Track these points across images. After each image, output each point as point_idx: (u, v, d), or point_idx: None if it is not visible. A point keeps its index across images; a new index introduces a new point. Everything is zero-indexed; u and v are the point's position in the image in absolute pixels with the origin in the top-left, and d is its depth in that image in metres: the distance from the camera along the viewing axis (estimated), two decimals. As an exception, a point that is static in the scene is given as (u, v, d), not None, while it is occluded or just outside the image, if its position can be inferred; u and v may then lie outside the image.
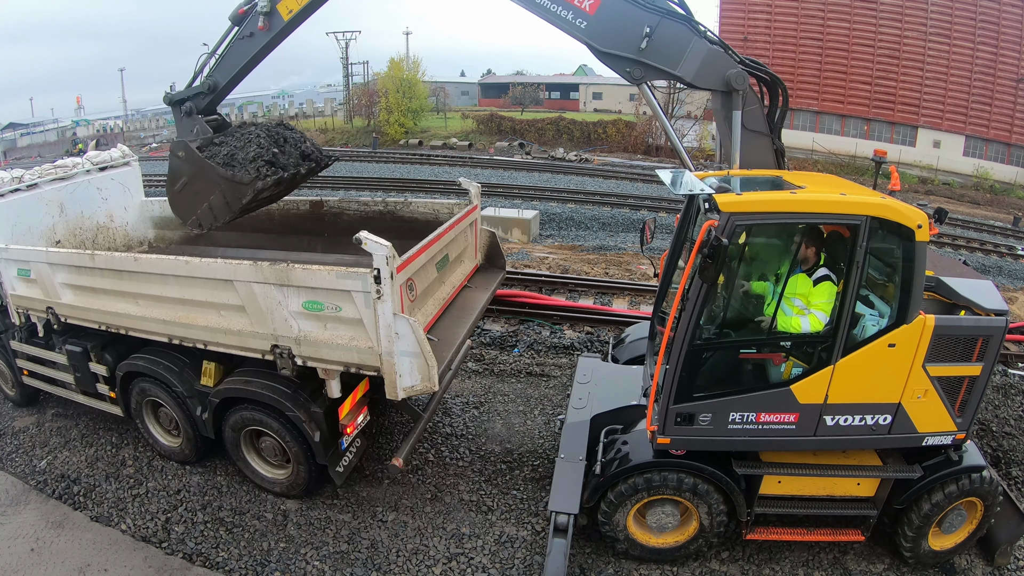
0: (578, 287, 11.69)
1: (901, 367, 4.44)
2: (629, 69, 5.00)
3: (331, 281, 4.72)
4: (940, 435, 4.70)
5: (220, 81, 5.66)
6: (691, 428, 4.67)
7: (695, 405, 4.62)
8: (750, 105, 5.03)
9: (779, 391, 4.54)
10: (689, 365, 4.50)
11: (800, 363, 4.62)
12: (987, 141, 34.02)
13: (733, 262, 4.47)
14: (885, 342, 4.37)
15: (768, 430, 4.62)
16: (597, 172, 30.36)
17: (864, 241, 4.20)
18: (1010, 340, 9.46)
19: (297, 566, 5.33)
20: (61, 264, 6.19)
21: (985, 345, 4.45)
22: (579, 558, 5.32)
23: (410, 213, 7.29)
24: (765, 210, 4.34)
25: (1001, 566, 5.26)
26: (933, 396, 4.55)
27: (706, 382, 4.69)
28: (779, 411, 4.56)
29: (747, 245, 4.68)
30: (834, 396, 4.51)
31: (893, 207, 4.25)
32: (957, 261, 5.52)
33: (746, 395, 4.61)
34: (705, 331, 4.59)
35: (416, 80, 47.09)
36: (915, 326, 4.34)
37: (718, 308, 4.78)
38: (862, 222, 4.18)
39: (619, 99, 51.86)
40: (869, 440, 4.72)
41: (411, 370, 4.71)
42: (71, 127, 55.08)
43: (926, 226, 4.21)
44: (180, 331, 5.64)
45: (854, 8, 35.14)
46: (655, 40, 4.80)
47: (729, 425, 4.62)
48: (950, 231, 21.56)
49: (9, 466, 6.81)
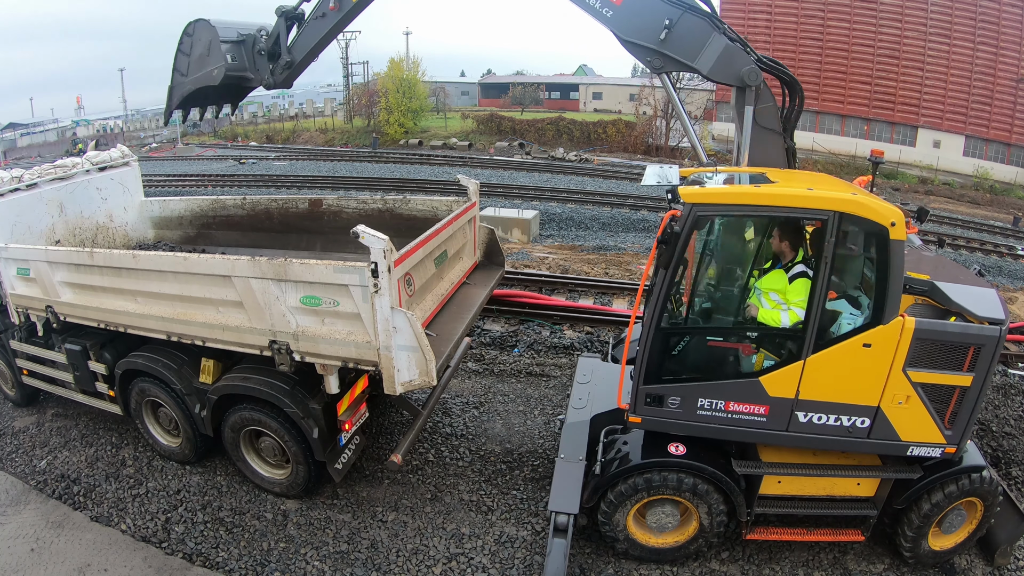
0: (578, 287, 11.69)
1: (878, 369, 4.34)
2: (650, 58, 5.23)
3: (328, 275, 4.71)
4: (927, 446, 4.54)
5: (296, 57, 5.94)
6: (661, 410, 4.77)
7: (664, 387, 4.72)
8: (765, 103, 5.15)
9: (748, 382, 4.57)
10: (656, 348, 4.63)
11: (771, 356, 4.64)
12: (987, 141, 34.00)
13: (698, 251, 4.59)
14: (859, 341, 4.30)
15: (738, 420, 4.64)
16: (597, 172, 30.37)
17: (832, 236, 4.15)
18: (1010, 340, 9.46)
19: (297, 566, 5.32)
20: (60, 262, 6.19)
21: (977, 355, 4.28)
22: (579, 558, 5.31)
23: (408, 211, 7.29)
24: (727, 202, 4.44)
25: (1001, 566, 5.26)
26: (917, 403, 4.40)
27: (674, 366, 4.82)
28: (749, 402, 4.58)
29: (712, 235, 4.78)
30: (806, 392, 4.47)
31: (863, 203, 4.16)
32: (967, 269, 5.19)
33: (714, 382, 4.67)
34: (671, 316, 4.69)
35: (416, 80, 47.14)
36: (893, 327, 4.24)
37: (684, 295, 4.88)
38: (829, 217, 4.15)
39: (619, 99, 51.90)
40: (847, 443, 4.60)
41: (409, 364, 4.71)
42: (71, 127, 55.12)
43: (900, 224, 4.11)
44: (178, 328, 5.64)
45: (854, 8, 35.13)
46: (675, 32, 5.02)
47: (698, 411, 4.69)
48: (950, 231, 21.57)
49: (9, 466, 6.81)
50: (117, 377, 6.44)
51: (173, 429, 6.54)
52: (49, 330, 6.73)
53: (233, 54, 5.78)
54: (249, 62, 5.90)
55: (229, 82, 5.86)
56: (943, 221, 23.52)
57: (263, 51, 5.85)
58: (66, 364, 6.78)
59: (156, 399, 6.34)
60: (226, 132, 52.61)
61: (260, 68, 5.92)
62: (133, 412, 6.63)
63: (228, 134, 51.76)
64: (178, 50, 5.99)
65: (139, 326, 5.89)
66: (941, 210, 26.55)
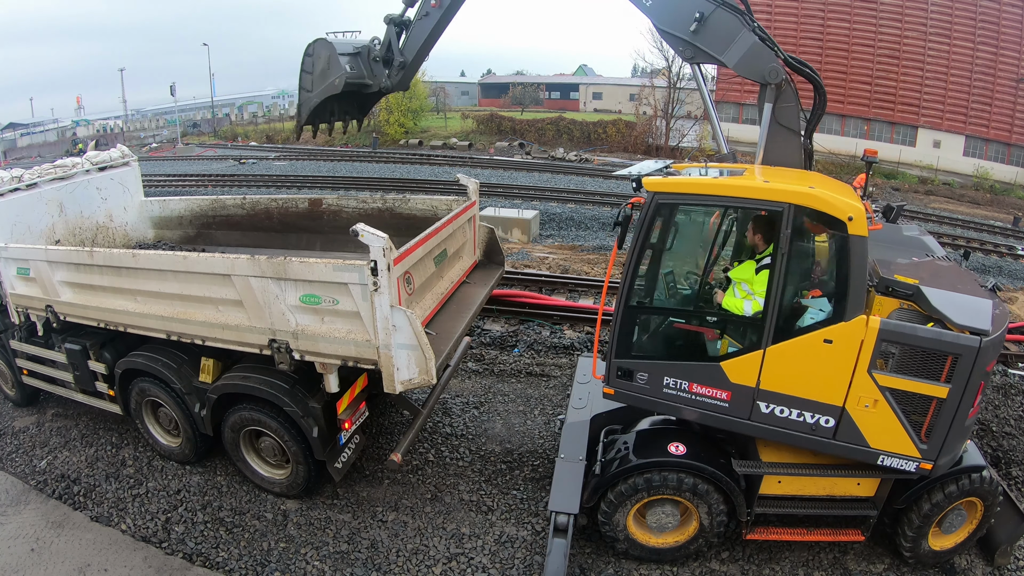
0: (578, 287, 11.69)
1: (841, 367, 4.29)
2: (682, 48, 5.49)
3: (328, 274, 4.72)
4: (899, 457, 4.40)
5: (408, 58, 6.28)
6: (631, 384, 4.97)
7: (633, 363, 4.92)
8: (787, 102, 5.27)
9: (710, 365, 4.68)
10: (625, 324, 4.89)
11: (734, 343, 4.75)
12: (987, 141, 34.01)
13: (660, 238, 4.84)
14: (821, 336, 4.29)
15: (701, 403, 4.77)
16: (597, 172, 30.33)
17: (788, 229, 4.21)
18: (1010, 340, 9.46)
19: (297, 566, 5.32)
20: (60, 262, 6.19)
21: (955, 365, 4.10)
22: (579, 558, 5.31)
23: (408, 210, 7.30)
24: (686, 191, 4.64)
25: (1001, 566, 5.26)
26: (886, 409, 4.30)
27: (641, 343, 5.06)
28: (711, 386, 4.69)
29: (682, 222, 5.06)
30: (767, 383, 4.51)
31: (819, 197, 4.16)
32: (977, 280, 4.83)
33: (678, 362, 4.87)
34: (638, 295, 4.94)
35: (416, 80, 47.04)
36: (855, 325, 4.19)
37: (652, 277, 5.06)
38: (784, 209, 4.22)
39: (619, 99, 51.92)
40: (812, 441, 4.56)
41: (408, 363, 4.71)
42: (71, 127, 55.09)
43: (859, 219, 4.08)
44: (178, 327, 5.64)
45: (854, 8, 35.14)
46: (706, 26, 5.25)
47: (664, 388, 4.86)
48: (950, 231, 21.56)
49: (9, 466, 6.81)
50: (117, 377, 6.44)
51: (173, 429, 6.54)
52: (49, 330, 6.73)
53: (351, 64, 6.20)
54: (366, 69, 6.31)
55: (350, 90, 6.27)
56: (943, 221, 23.50)
57: (378, 58, 6.26)
58: (66, 364, 6.78)
59: (156, 399, 6.34)
60: (226, 132, 52.61)
61: (377, 73, 6.32)
62: (133, 412, 6.62)
63: (228, 134, 51.76)
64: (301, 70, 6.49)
65: (139, 325, 5.89)
66: (941, 210, 26.54)
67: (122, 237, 8.36)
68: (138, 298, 5.85)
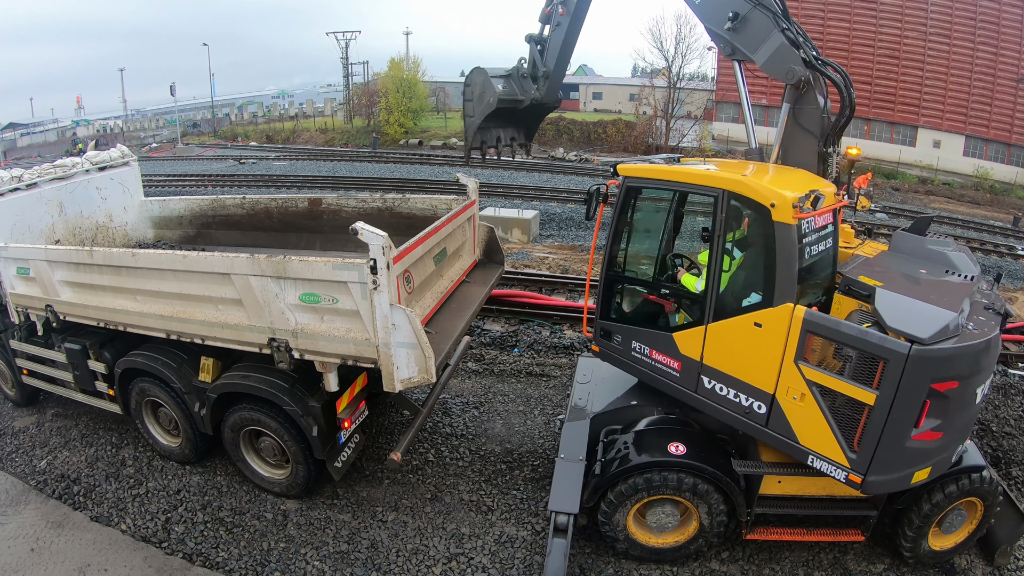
0: (578, 287, 11.68)
1: (770, 353, 4.37)
2: (722, 45, 5.72)
3: (327, 272, 4.72)
4: (827, 461, 4.28)
5: (550, 67, 6.69)
6: (610, 344, 5.60)
7: (612, 325, 5.56)
8: (808, 104, 5.39)
9: (664, 335, 5.14)
10: (606, 290, 5.52)
11: (686, 316, 5.15)
12: (987, 141, 33.96)
13: (632, 216, 5.43)
14: (751, 319, 4.47)
15: (659, 370, 5.23)
16: (597, 172, 30.34)
17: (722, 213, 4.54)
18: (1010, 340, 9.45)
19: (297, 566, 5.32)
20: (60, 261, 6.18)
21: (885, 371, 3.88)
22: (579, 558, 5.31)
23: (408, 209, 7.30)
24: (650, 176, 5.25)
25: (1001, 566, 5.26)
26: (812, 406, 4.24)
27: (619, 309, 5.64)
28: (666, 355, 5.15)
29: (650, 204, 5.68)
30: (709, 358, 4.82)
31: (747, 183, 4.42)
32: (990, 299, 4.52)
33: (642, 329, 5.37)
34: (615, 266, 5.46)
35: (416, 80, 47.13)
36: (782, 312, 4.26)
37: (625, 251, 5.55)
38: (718, 195, 4.57)
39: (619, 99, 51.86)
40: (747, 424, 4.69)
41: (408, 362, 4.71)
42: (71, 127, 55.10)
43: (783, 206, 4.15)
44: (178, 326, 5.64)
45: (854, 8, 35.10)
46: (741, 24, 5.45)
47: (632, 352, 5.42)
48: (950, 231, 21.55)
49: (9, 466, 6.81)
50: (117, 376, 6.44)
51: (173, 429, 6.54)
52: (49, 329, 6.73)
53: (504, 84, 6.73)
54: (517, 86, 6.81)
55: (505, 107, 6.74)
56: (943, 221, 23.50)
57: (526, 75, 6.76)
58: (66, 363, 6.78)
59: (156, 398, 6.34)
60: (226, 132, 52.62)
61: (527, 88, 6.79)
62: (133, 412, 6.62)
63: (228, 134, 51.76)
64: (464, 100, 7.13)
65: (139, 325, 5.89)
66: (941, 210, 26.53)
67: (122, 237, 8.35)
68: (138, 297, 5.85)
